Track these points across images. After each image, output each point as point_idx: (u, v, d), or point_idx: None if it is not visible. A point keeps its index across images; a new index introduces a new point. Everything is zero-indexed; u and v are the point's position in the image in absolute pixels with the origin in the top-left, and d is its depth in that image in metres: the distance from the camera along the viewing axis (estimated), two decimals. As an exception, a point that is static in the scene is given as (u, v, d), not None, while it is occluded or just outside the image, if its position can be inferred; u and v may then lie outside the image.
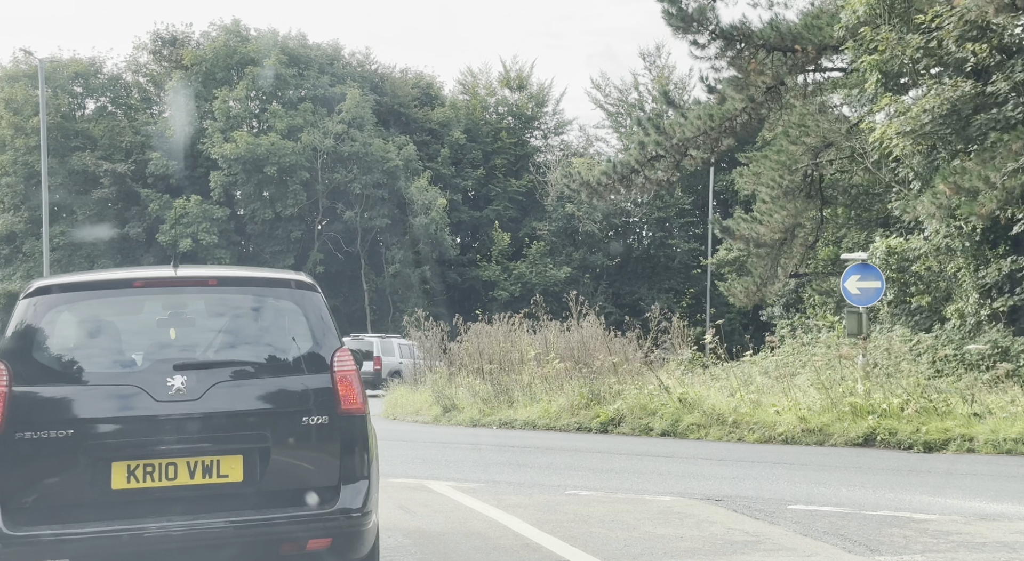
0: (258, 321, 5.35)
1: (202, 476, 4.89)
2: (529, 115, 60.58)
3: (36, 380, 4.88)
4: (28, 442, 4.74)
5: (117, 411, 4.90)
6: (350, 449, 5.11)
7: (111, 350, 5.16)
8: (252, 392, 5.08)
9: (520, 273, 56.09)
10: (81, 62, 53.63)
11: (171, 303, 5.38)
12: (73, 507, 4.76)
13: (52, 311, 5.07)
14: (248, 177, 51.54)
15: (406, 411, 24.64)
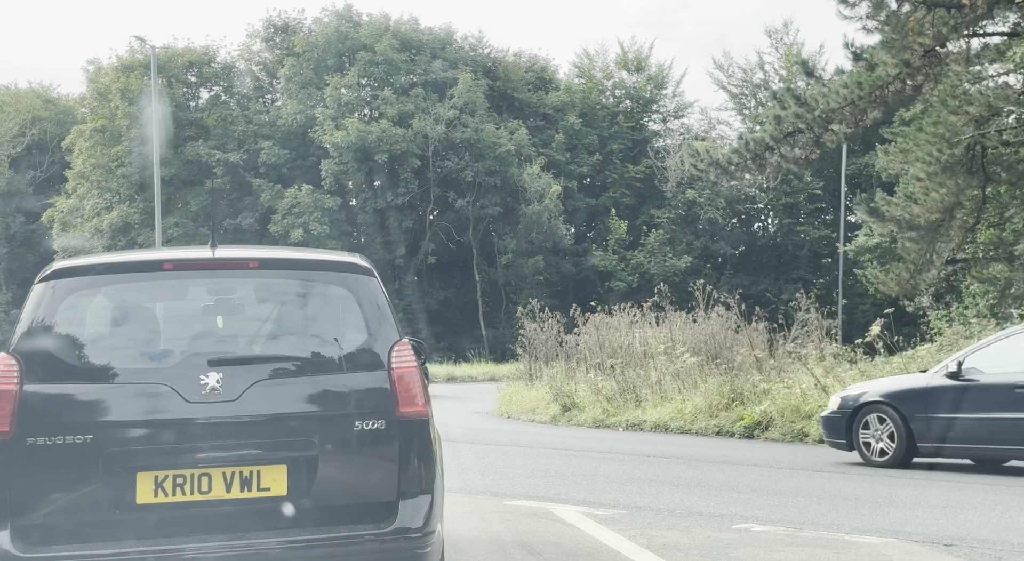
0: (305, 310, 4.61)
1: (240, 489, 4.26)
2: (647, 98, 58.02)
3: (51, 377, 4.24)
4: (41, 449, 4.13)
5: (143, 413, 4.24)
6: (410, 458, 4.42)
7: (137, 343, 4.46)
8: (297, 392, 4.38)
9: (638, 263, 53.69)
10: (195, 51, 53.44)
11: (209, 289, 4.72)
12: (93, 525, 4.15)
13: (71, 297, 4.39)
14: (359, 165, 50.49)
15: (521, 409, 22.75)
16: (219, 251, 4.67)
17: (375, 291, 4.60)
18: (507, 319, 53.90)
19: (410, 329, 52.67)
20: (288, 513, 4.26)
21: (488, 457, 12.86)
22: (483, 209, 52.46)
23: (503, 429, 18.90)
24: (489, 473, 10.92)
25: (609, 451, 13.53)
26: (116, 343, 4.46)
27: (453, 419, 22.17)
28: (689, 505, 8.40)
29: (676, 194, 54.15)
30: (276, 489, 4.25)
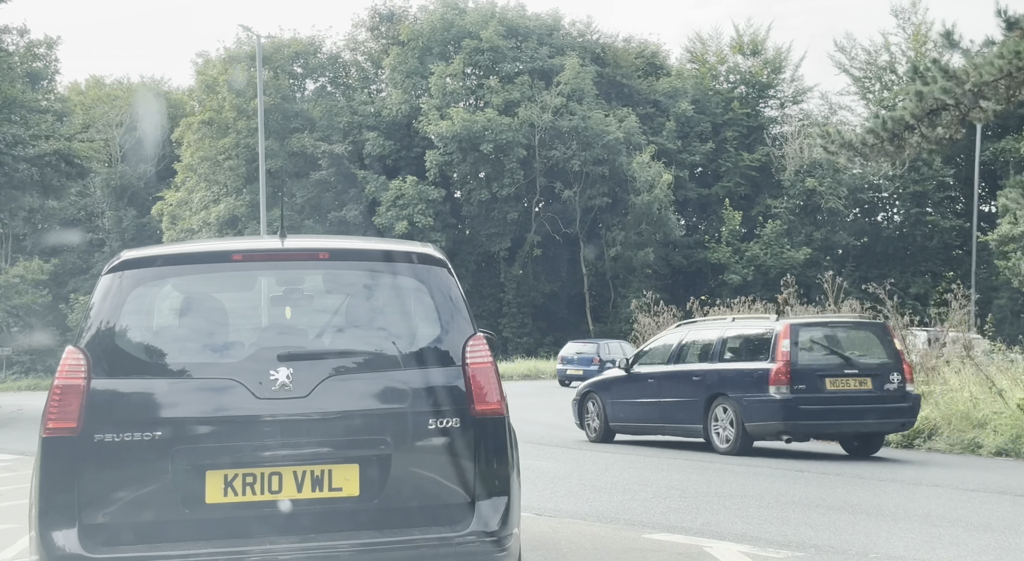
0: (376, 302, 4.40)
1: (311, 489, 4.05)
2: (764, 82, 55.48)
3: (119, 372, 4.09)
4: (109, 446, 3.97)
5: (212, 410, 4.07)
6: (486, 458, 4.17)
7: (206, 336, 4.28)
8: (369, 388, 4.17)
9: (753, 255, 51.30)
10: (300, 42, 53.13)
11: (278, 280, 4.54)
12: (161, 525, 3.99)
13: (139, 288, 4.24)
14: (464, 156, 49.41)
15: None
16: (288, 241, 4.47)
17: (448, 283, 4.44)
18: (615, 313, 52.19)
19: (516, 323, 51.54)
20: (361, 514, 4.09)
21: (613, 469, 11.28)
22: (590, 199, 50.83)
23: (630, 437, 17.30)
24: (618, 491, 9.35)
25: (750, 463, 11.80)
26: (184, 336, 4.30)
27: (567, 420, 20.67)
28: (882, 545, 6.66)
29: (794, 183, 51.59)
30: (348, 489, 4.09)
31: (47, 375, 55.56)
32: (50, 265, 56.84)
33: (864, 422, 12.16)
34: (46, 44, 22.12)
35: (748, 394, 12.06)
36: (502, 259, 51.77)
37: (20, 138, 18.86)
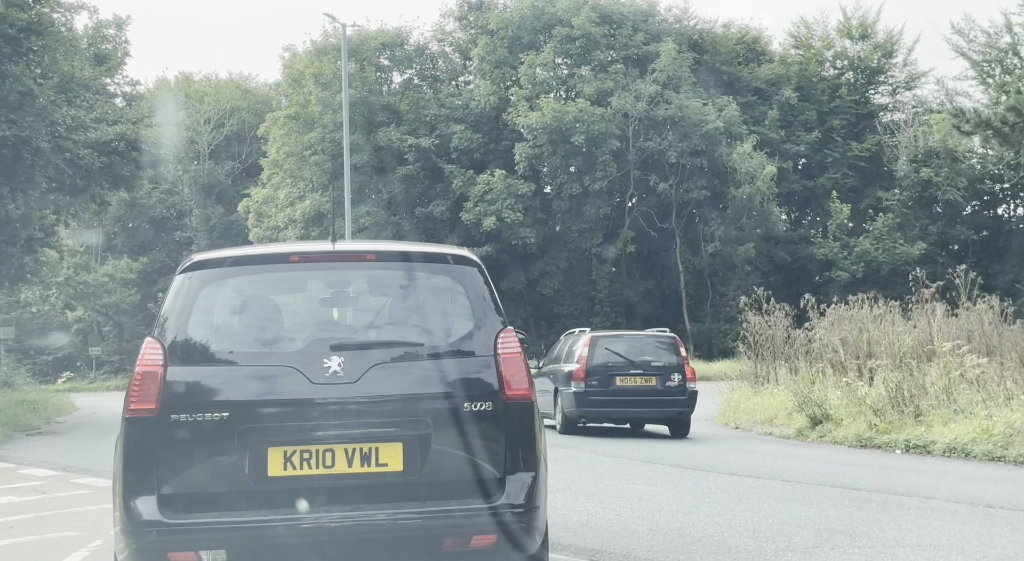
0: (418, 299, 4.95)
1: (360, 464, 4.60)
2: (874, 68, 52.16)
3: (191, 360, 4.67)
4: (183, 425, 4.55)
5: (273, 393, 4.63)
6: (516, 438, 4.72)
7: (267, 328, 4.86)
8: (412, 375, 4.74)
9: (863, 250, 48.15)
10: (387, 33, 51.77)
11: (330, 280, 5.05)
12: (229, 494, 4.52)
13: (208, 287, 4.82)
14: (554, 148, 47.36)
15: (752, 419, 18.80)
16: (339, 245, 5.04)
17: (480, 282, 4.94)
18: (714, 312, 49.58)
19: (608, 322, 49.23)
20: (405, 487, 4.54)
21: (748, 499, 9.13)
22: (688, 193, 48.31)
23: (740, 447, 15.07)
24: (763, 534, 7.22)
25: (915, 492, 9.52)
26: (248, 329, 4.82)
27: (662, 429, 18.53)
28: None
29: (908, 173, 48.29)
30: (393, 465, 4.57)
31: (136, 374, 55.12)
32: (139, 264, 56.69)
33: (645, 410, 16.41)
34: (115, 24, 20.81)
35: (564, 388, 16.24)
36: (594, 256, 49.61)
37: (82, 121, 17.51)
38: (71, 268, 54.19)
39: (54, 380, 56.62)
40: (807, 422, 16.45)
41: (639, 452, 13.69)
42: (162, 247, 59.93)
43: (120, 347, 57.51)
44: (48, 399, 27.21)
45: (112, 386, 52.86)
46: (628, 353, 16.36)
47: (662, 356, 16.51)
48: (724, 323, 48.66)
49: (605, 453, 13.68)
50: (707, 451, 14.06)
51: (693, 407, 16.50)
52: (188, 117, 57.53)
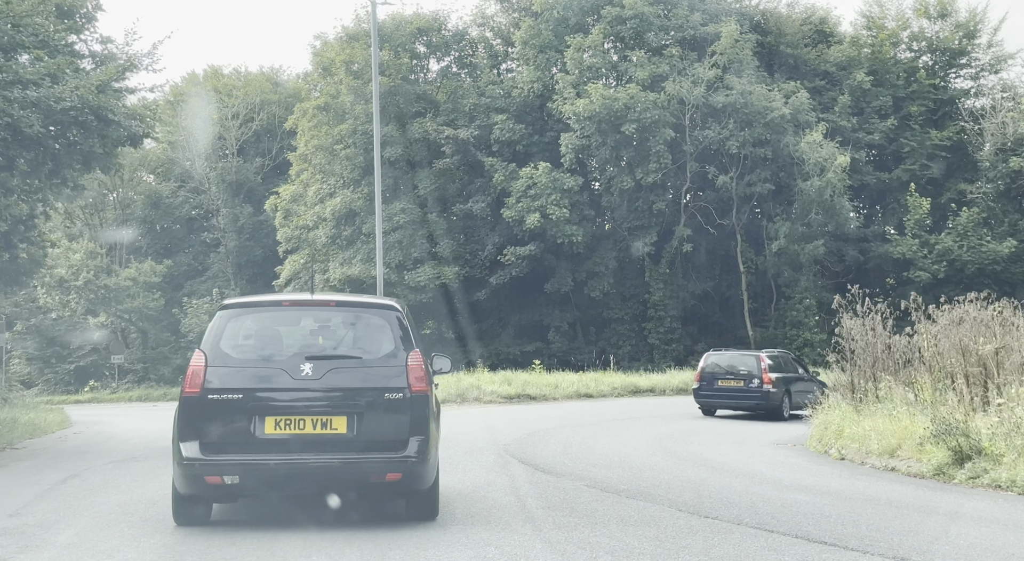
0: (361, 330, 8.66)
1: (321, 428, 8.08)
2: (955, 49, 47.66)
3: (221, 363, 8.19)
4: (215, 400, 8.03)
5: (269, 384, 8.17)
6: (416, 416, 8.26)
7: (268, 346, 8.52)
8: (354, 375, 8.31)
9: (945, 248, 43.74)
10: (423, 18, 48.29)
11: (310, 316, 8.91)
12: (241, 443, 7.99)
13: (233, 320, 8.51)
14: (603, 138, 43.47)
15: (864, 448, 14.78)
16: (315, 295, 8.99)
17: (399, 322, 8.65)
18: (778, 317, 45.37)
19: (663, 328, 45.18)
20: (347, 443, 8.09)
21: None
22: (750, 186, 44.17)
23: (862, 491, 11.11)
24: None
25: None
26: (256, 345, 8.49)
27: (748, 459, 14.56)
28: None
29: (995, 163, 43.81)
30: (340, 429, 8.10)
31: (160, 384, 52.20)
32: (163, 266, 53.71)
33: (738, 402, 24.12)
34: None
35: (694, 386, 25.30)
36: (647, 255, 45.61)
37: (20, 77, 14.07)
38: (91, 271, 51.28)
39: (78, 390, 53.87)
40: (948, 457, 12.44)
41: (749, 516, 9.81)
42: (189, 249, 56.96)
43: (144, 355, 54.51)
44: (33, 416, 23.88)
45: (135, 397, 49.82)
46: (726, 365, 24.66)
47: (748, 364, 24.30)
48: (790, 328, 44.45)
49: (693, 512, 9.83)
50: (819, 498, 10.15)
51: (767, 401, 23.76)
52: (216, 112, 54.53)
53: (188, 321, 52.05)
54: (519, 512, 9.54)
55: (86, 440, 19.39)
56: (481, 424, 20.81)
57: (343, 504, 8.52)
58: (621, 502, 10.21)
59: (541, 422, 21.41)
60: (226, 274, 54.86)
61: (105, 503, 10.06)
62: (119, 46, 17.82)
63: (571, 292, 46.12)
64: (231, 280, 54.74)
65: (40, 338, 54.10)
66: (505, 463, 13.73)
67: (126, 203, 56.23)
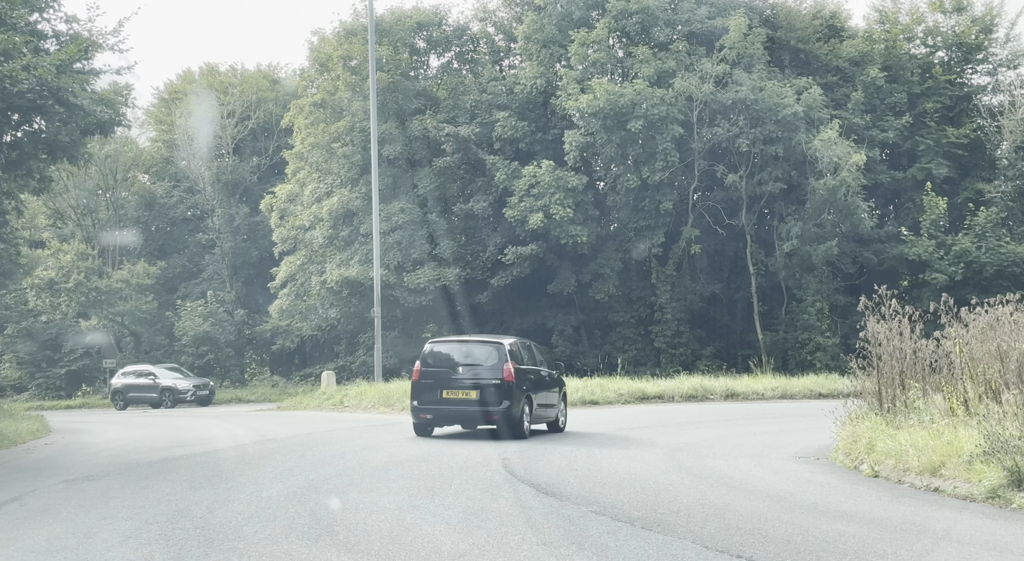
0: (484, 352, 18.69)
1: (464, 395, 18.17)
2: (971, 44, 46.16)
3: (429, 365, 18.58)
4: (423, 382, 18.35)
5: (445, 375, 18.38)
6: (506, 390, 18.05)
7: (445, 358, 18.82)
8: (480, 372, 18.33)
9: (962, 249, 42.28)
10: (423, 12, 46.89)
11: (464, 345, 19.15)
12: (433, 401, 18.24)
13: (431, 346, 19.11)
14: (608, 136, 42.03)
15: (902, 465, 13.30)
16: (466, 336, 22.82)
17: (506, 349, 18.56)
18: (789, 320, 43.90)
19: (670, 331, 43.68)
20: (475, 404, 18.23)
21: None
22: (760, 185, 42.73)
23: (910, 519, 9.65)
24: None
25: None
26: (441, 358, 18.87)
27: (773, 477, 12.82)
28: None
29: (1014, 161, 42.42)
30: (473, 396, 18.20)
31: (153, 388, 50.73)
32: (157, 268, 52.34)
33: None
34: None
35: None
36: (654, 256, 44.16)
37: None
38: (82, 273, 49.90)
39: (70, 395, 52.50)
40: (1004, 478, 10.98)
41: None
42: (183, 250, 55.59)
43: (137, 359, 53.05)
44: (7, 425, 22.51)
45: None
46: None
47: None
48: (802, 332, 42.98)
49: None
50: (891, 542, 8.69)
51: None
52: (212, 110, 53.19)
53: (182, 324, 50.69)
54: (517, 550, 8.11)
55: (52, 453, 17.99)
56: (481, 434, 19.38)
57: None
58: (636, 535, 8.77)
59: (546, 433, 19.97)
60: (221, 276, 53.49)
61: (32, 537, 8.64)
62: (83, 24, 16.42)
63: (575, 294, 44.69)
64: (226, 282, 53.37)
65: (31, 341, 52.75)
66: (503, 482, 12.30)
67: (119, 204, 54.89)
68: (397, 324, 45.00)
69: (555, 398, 20.28)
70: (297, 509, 10.18)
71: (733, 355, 44.19)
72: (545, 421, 19.91)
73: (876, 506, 10.82)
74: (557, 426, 20.30)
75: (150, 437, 20.97)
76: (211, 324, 50.22)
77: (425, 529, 9.00)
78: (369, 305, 40.79)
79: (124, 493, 11.41)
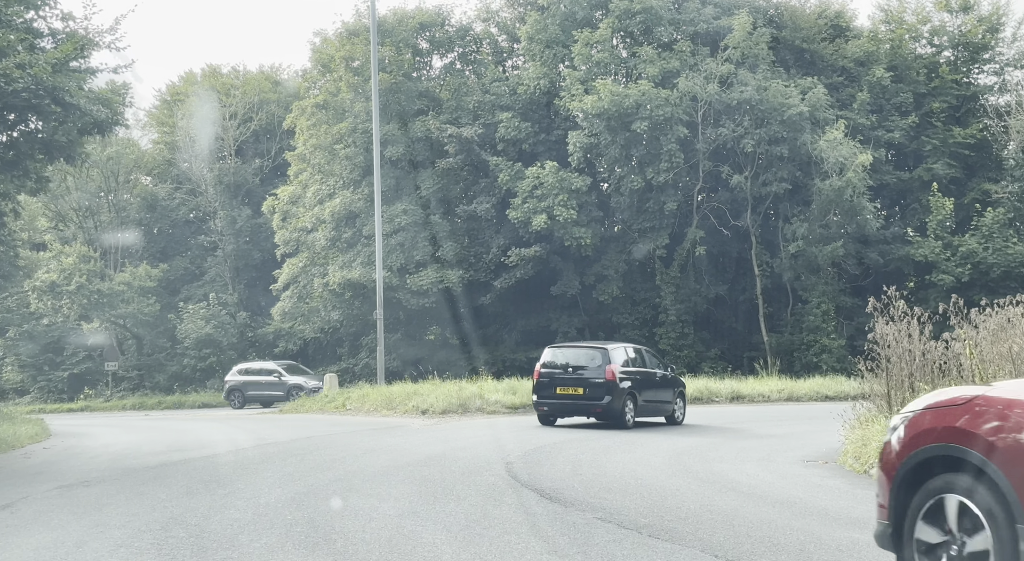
0: (588, 356, 21.87)
1: (573, 391, 21.27)
2: (978, 43, 45.87)
3: (545, 366, 21.73)
4: (541, 381, 21.60)
5: (558, 375, 21.54)
6: (608, 388, 21.09)
7: (558, 360, 21.99)
8: (586, 373, 21.38)
9: (969, 250, 41.98)
10: (426, 12, 46.70)
11: (572, 349, 22.74)
12: (549, 395, 21.48)
13: (548, 351, 22.45)
14: (613, 137, 41.80)
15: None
16: (577, 342, 26.27)
17: (609, 354, 21.59)
18: (795, 322, 43.61)
19: (674, 333, 43.44)
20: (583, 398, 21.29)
21: None
22: (765, 186, 42.46)
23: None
24: None
25: None
26: (555, 360, 22.08)
27: (781, 482, 12.50)
28: None
29: (1022, 162, 42.07)
30: (580, 392, 21.26)
31: (156, 392, 50.59)
32: (159, 270, 52.16)
33: None
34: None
35: None
36: (658, 258, 43.91)
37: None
38: (84, 275, 49.71)
39: (72, 398, 52.33)
40: (1019, 485, 10.69)
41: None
42: (185, 252, 55.41)
43: (140, 362, 52.93)
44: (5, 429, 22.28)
45: (129, 405, 48.22)
46: None
47: None
48: (807, 334, 42.68)
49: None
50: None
51: None
52: (213, 111, 53.02)
53: (184, 327, 50.50)
54: (521, 559, 7.85)
55: (50, 457, 17.75)
56: (484, 438, 19.12)
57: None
58: (643, 544, 8.51)
59: (548, 435, 19.70)
60: (224, 278, 53.30)
61: (21, 546, 8.39)
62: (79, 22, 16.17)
63: (578, 296, 44.44)
64: (229, 285, 53.18)
65: (33, 344, 52.59)
66: (507, 488, 12.03)
67: (121, 206, 54.72)
68: (400, 326, 44.75)
69: (669, 396, 23.06)
70: (295, 516, 9.92)
71: (738, 357, 43.90)
72: (663, 415, 23.02)
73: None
74: (674, 419, 23.16)
75: (149, 441, 20.74)
76: (213, 327, 50.02)
77: (426, 537, 8.75)
78: (372, 307, 40.54)
79: (118, 499, 11.16)
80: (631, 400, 21.40)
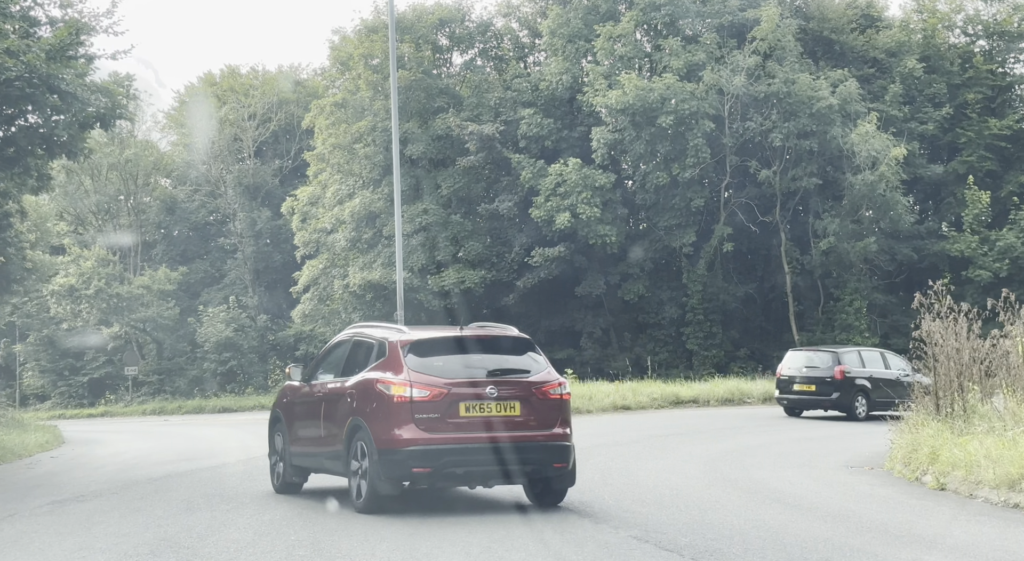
0: (825, 358, 23.87)
1: (807, 388, 23.51)
2: (1014, 32, 44.47)
3: (786, 366, 25.02)
4: (781, 379, 24.37)
5: (797, 374, 24.45)
6: (835, 386, 23.41)
7: (797, 365, 24.96)
8: (820, 373, 23.27)
9: (1007, 245, 40.71)
10: (446, 8, 45.82)
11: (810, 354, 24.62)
12: (787, 393, 24.51)
13: (789, 353, 25.44)
14: (638, 132, 40.73)
15: (971, 478, 12.09)
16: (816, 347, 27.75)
17: (839, 356, 23.95)
18: (826, 320, 42.42)
19: (701, 333, 42.35)
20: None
21: None
22: (795, 181, 41.26)
23: (1012, 550, 8.35)
24: None
25: None
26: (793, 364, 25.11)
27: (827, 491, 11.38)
28: None
29: (1060, 153, 40.57)
30: (812, 389, 23.50)
31: (176, 397, 50.03)
32: (178, 274, 51.61)
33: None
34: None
35: None
36: (685, 256, 42.81)
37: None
38: (103, 279, 49.21)
39: (92, 403, 51.86)
40: (1101, 497, 9.67)
41: None
42: (205, 255, 54.85)
43: (160, 366, 52.38)
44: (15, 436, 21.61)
45: (149, 410, 47.67)
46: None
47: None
48: (839, 332, 41.45)
49: None
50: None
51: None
52: (231, 112, 52.43)
53: (204, 330, 49.90)
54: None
55: (54, 468, 16.98)
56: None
57: None
58: (686, 569, 7.56)
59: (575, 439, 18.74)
60: (243, 281, 52.69)
61: (-11, 574, 7.54)
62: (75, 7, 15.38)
63: (604, 296, 43.41)
64: (248, 288, 52.55)
65: (52, 350, 52.17)
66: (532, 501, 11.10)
67: (140, 208, 54.25)
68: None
69: (905, 393, 24.74)
70: (299, 535, 9.04)
71: (768, 357, 42.69)
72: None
73: (958, 529, 9.53)
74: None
75: (160, 449, 19.98)
76: (234, 330, 49.40)
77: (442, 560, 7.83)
78: (393, 308, 39.65)
79: (111, 517, 10.32)
80: (863, 397, 23.95)
